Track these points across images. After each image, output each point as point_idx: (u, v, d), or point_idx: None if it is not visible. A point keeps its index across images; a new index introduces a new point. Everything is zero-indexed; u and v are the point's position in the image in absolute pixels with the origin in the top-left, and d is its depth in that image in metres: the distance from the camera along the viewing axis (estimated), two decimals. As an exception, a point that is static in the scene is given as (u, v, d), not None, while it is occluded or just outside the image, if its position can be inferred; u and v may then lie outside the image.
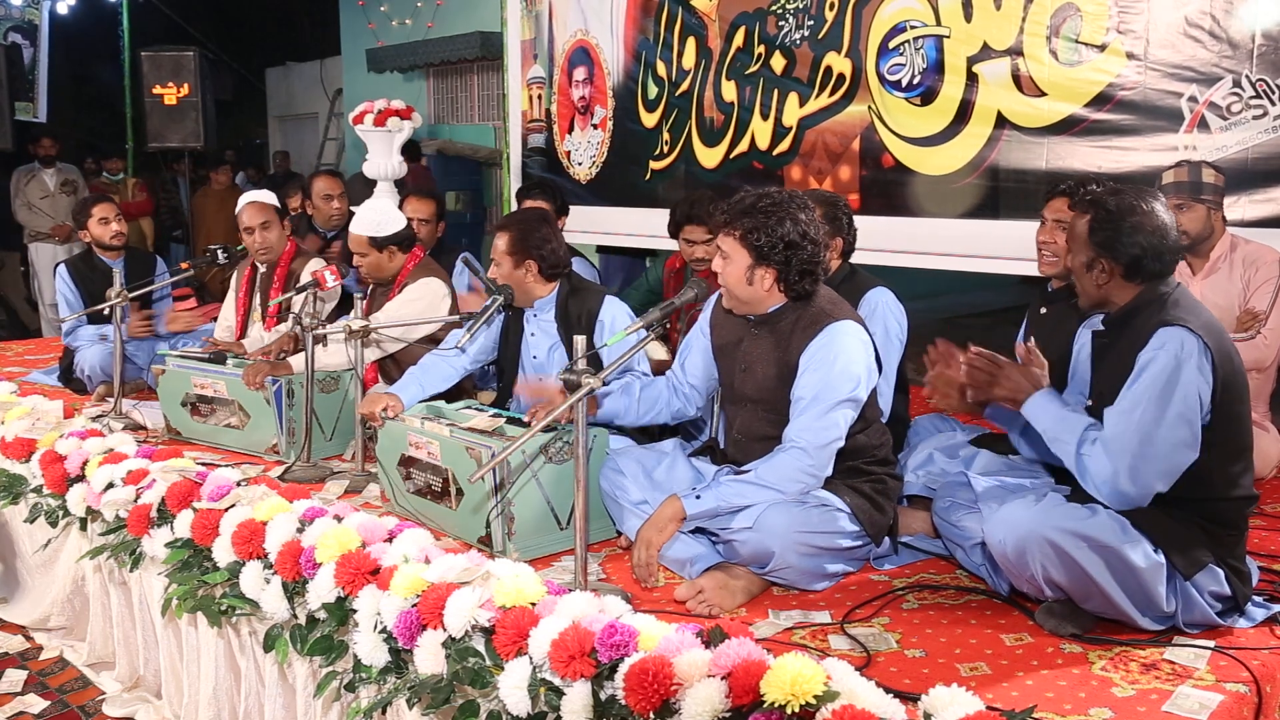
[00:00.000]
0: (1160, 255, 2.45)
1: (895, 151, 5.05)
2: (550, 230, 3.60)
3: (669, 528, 2.77)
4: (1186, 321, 2.38)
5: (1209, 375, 2.36)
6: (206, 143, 9.49)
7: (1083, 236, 2.51)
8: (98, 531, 3.23)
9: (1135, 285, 2.49)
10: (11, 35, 9.85)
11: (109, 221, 5.11)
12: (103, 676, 3.33)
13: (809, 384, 2.74)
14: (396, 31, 10.77)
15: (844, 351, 2.73)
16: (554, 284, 3.60)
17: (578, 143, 6.82)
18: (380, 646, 2.30)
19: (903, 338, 3.43)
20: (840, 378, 2.71)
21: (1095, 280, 2.51)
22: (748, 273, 2.78)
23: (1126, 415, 2.38)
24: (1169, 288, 2.49)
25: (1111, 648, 2.36)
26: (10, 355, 6.12)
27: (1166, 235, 2.46)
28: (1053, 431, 2.49)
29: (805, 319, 2.80)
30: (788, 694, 1.74)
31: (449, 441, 3.04)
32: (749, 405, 2.93)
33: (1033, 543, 2.35)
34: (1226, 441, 2.41)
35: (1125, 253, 2.45)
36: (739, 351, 2.93)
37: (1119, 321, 2.52)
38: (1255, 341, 3.51)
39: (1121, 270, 2.47)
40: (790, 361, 2.79)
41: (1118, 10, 4.24)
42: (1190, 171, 3.56)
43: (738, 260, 2.79)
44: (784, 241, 2.73)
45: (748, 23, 5.67)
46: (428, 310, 4.03)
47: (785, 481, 2.71)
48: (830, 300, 2.86)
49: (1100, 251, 2.47)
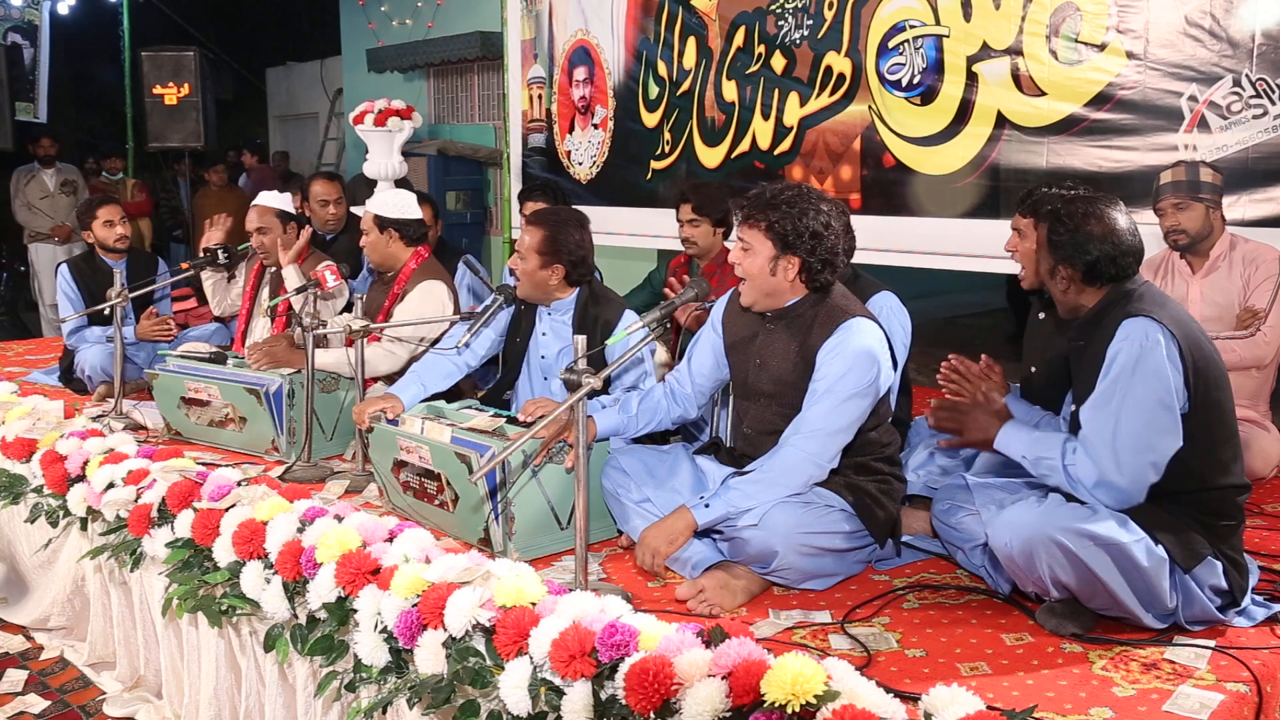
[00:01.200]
0: (1115, 259, 2.49)
1: (896, 151, 5.05)
2: (584, 235, 3.57)
3: (680, 539, 2.78)
4: (1150, 312, 2.41)
5: (1178, 362, 2.38)
6: (207, 143, 9.49)
7: (1041, 245, 2.57)
8: (98, 531, 3.23)
9: (1099, 289, 2.53)
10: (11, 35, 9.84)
11: (114, 224, 5.11)
12: (103, 676, 3.33)
13: (824, 376, 2.76)
14: (397, 31, 10.76)
15: (862, 348, 2.75)
16: (574, 289, 3.59)
17: (578, 142, 6.82)
18: (381, 646, 2.30)
19: (907, 343, 3.43)
20: (856, 372, 2.73)
21: (1060, 287, 2.57)
22: (771, 263, 2.80)
23: (1100, 410, 2.40)
24: (1135, 285, 2.52)
25: (1112, 647, 2.37)
26: (10, 355, 6.12)
27: (1121, 239, 2.49)
28: (1032, 454, 2.52)
29: (823, 314, 2.82)
30: (788, 694, 1.74)
31: (439, 447, 3.03)
32: (762, 400, 2.93)
33: (1039, 544, 2.35)
34: (1210, 429, 2.43)
35: (1080, 259, 2.49)
36: (753, 347, 2.94)
37: (1088, 324, 2.55)
38: (1255, 339, 3.51)
39: (1080, 275, 2.52)
40: (809, 356, 2.80)
41: (1117, 9, 4.24)
42: (1188, 171, 3.57)
43: (761, 251, 2.81)
44: (809, 230, 2.76)
45: (748, 22, 5.67)
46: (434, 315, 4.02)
47: (791, 474, 2.72)
48: (846, 297, 2.89)
49: (1059, 259, 2.53)
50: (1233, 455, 2.48)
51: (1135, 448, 2.36)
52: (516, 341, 3.72)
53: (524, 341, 3.70)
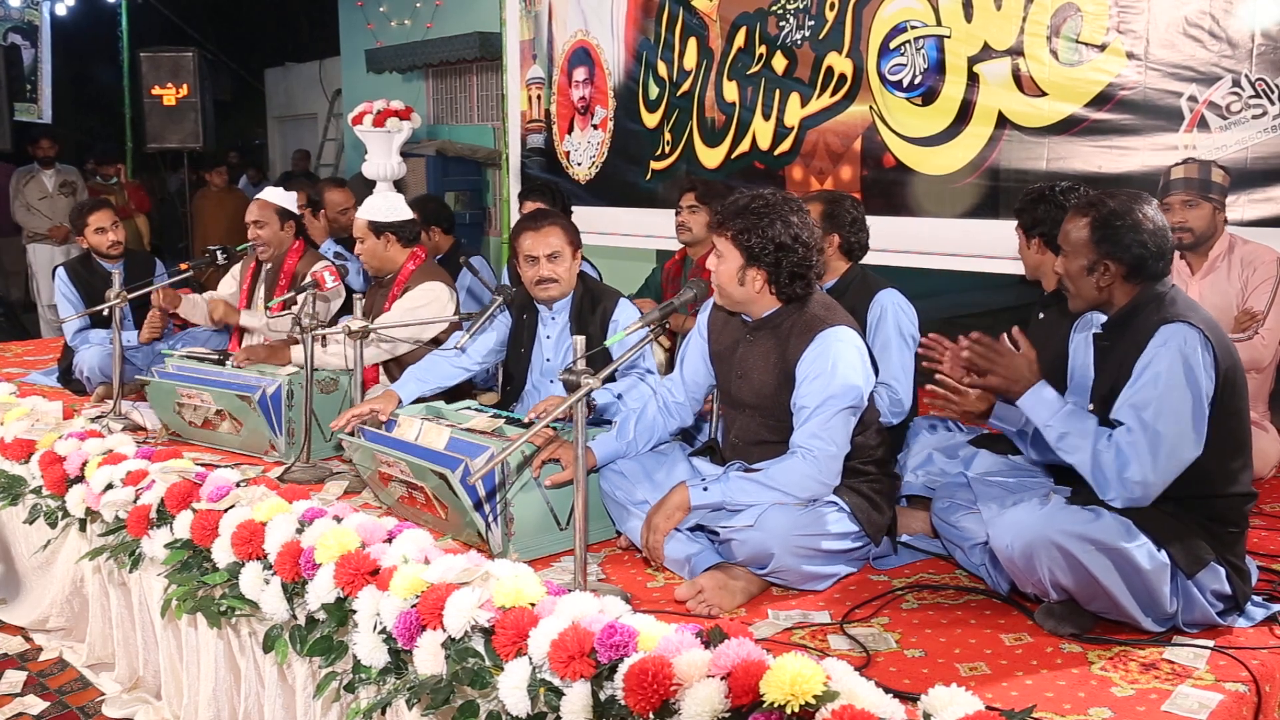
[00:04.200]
0: (1162, 255, 2.46)
1: (896, 151, 5.05)
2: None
3: (675, 515, 2.78)
4: (1187, 317, 2.39)
5: (1211, 370, 2.37)
6: (205, 143, 9.49)
7: (1083, 240, 2.50)
8: (97, 532, 3.22)
9: (1133, 286, 2.49)
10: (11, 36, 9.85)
11: (106, 231, 5.09)
12: (102, 677, 3.33)
13: (810, 392, 2.74)
14: (395, 32, 10.76)
15: (841, 358, 2.73)
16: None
17: (577, 143, 6.82)
18: (380, 647, 2.30)
19: (916, 336, 3.43)
20: (840, 385, 2.71)
21: (1097, 283, 2.50)
22: (739, 273, 2.80)
23: (1140, 410, 2.37)
24: (1165, 288, 2.49)
25: (1111, 647, 2.36)
26: (9, 356, 6.12)
27: (1167, 236, 2.47)
28: (1059, 427, 2.46)
29: (800, 326, 2.80)
30: (787, 694, 1.74)
31: (416, 465, 3.01)
32: (746, 411, 2.93)
33: (1040, 547, 2.34)
34: (1227, 437, 2.41)
35: (1130, 252, 2.45)
36: (735, 358, 2.94)
37: (1118, 323, 2.52)
38: (1253, 342, 3.51)
39: (1125, 271, 2.47)
40: (787, 369, 2.79)
41: (1118, 10, 4.24)
42: (1200, 169, 3.56)
43: (730, 260, 2.80)
44: (774, 243, 2.73)
45: (749, 23, 5.67)
46: (435, 315, 4.03)
47: (795, 486, 2.71)
48: (824, 306, 2.86)
49: (1104, 253, 2.47)
50: (1243, 464, 2.46)
51: (1169, 452, 2.34)
52: (521, 351, 3.73)
53: (528, 349, 3.71)
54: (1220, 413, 2.39)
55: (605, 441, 3.09)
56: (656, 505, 2.83)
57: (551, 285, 3.55)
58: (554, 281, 3.55)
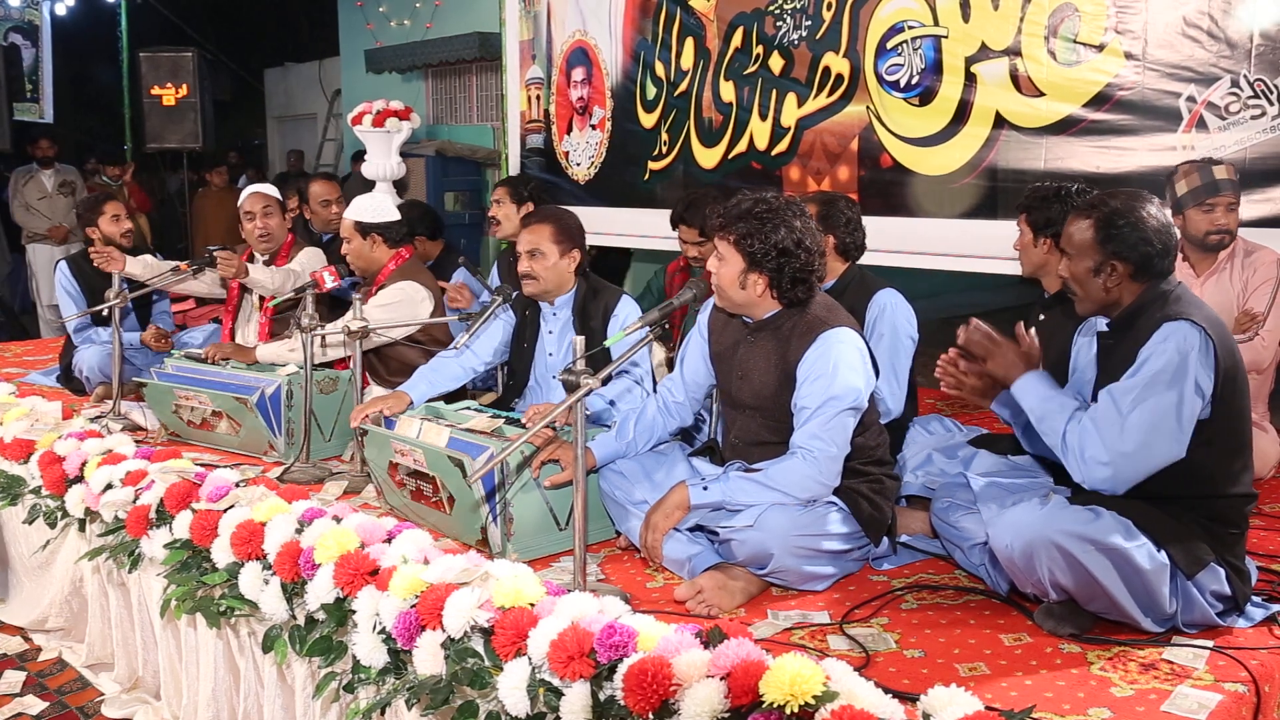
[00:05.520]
0: (1168, 252, 2.46)
1: (894, 152, 5.05)
2: (580, 224, 3.66)
3: (675, 515, 2.79)
4: (1190, 315, 2.39)
5: (1211, 368, 2.36)
6: (205, 144, 9.49)
7: (1088, 241, 2.49)
8: (96, 532, 3.22)
9: (1139, 285, 2.49)
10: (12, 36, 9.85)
11: (120, 218, 5.10)
12: (101, 677, 3.33)
13: (810, 394, 2.74)
14: (395, 32, 10.76)
15: (842, 359, 2.73)
16: (575, 280, 3.63)
17: (576, 143, 6.82)
18: (379, 647, 2.30)
19: (914, 336, 3.43)
20: (841, 386, 2.71)
21: (1104, 284, 2.50)
22: (741, 277, 2.79)
23: (1121, 397, 2.37)
24: (1170, 286, 2.49)
25: (1110, 648, 2.37)
26: (9, 356, 6.12)
27: (1171, 232, 2.48)
28: (1040, 410, 2.47)
29: (801, 327, 2.80)
30: (787, 694, 1.74)
31: (432, 450, 3.03)
32: (747, 411, 2.94)
33: (1040, 547, 2.34)
34: (1228, 437, 2.41)
35: (1136, 251, 2.44)
36: (735, 358, 2.94)
37: (1123, 322, 2.52)
38: (1253, 343, 3.50)
39: (1131, 270, 2.47)
40: (788, 370, 2.79)
41: (1116, 10, 4.24)
42: (1202, 174, 3.52)
43: (732, 264, 2.80)
44: (777, 249, 2.73)
45: (746, 23, 5.67)
46: (405, 315, 4.03)
47: (795, 487, 2.71)
48: (825, 307, 2.86)
49: (1110, 253, 2.46)
50: (1244, 465, 2.46)
51: (1139, 443, 2.34)
52: (524, 346, 3.73)
53: (531, 348, 3.71)
54: (1221, 412, 2.39)
55: (605, 442, 3.09)
56: (656, 505, 2.83)
57: (530, 282, 3.57)
58: (531, 279, 3.56)
